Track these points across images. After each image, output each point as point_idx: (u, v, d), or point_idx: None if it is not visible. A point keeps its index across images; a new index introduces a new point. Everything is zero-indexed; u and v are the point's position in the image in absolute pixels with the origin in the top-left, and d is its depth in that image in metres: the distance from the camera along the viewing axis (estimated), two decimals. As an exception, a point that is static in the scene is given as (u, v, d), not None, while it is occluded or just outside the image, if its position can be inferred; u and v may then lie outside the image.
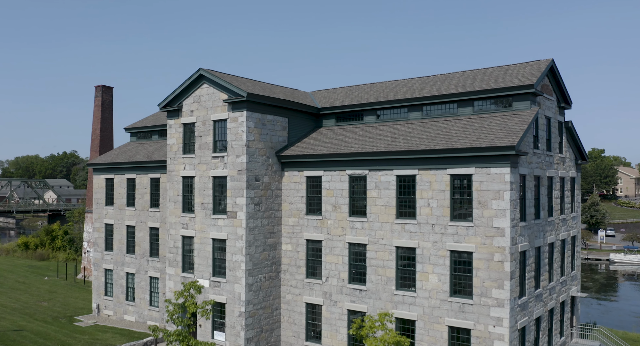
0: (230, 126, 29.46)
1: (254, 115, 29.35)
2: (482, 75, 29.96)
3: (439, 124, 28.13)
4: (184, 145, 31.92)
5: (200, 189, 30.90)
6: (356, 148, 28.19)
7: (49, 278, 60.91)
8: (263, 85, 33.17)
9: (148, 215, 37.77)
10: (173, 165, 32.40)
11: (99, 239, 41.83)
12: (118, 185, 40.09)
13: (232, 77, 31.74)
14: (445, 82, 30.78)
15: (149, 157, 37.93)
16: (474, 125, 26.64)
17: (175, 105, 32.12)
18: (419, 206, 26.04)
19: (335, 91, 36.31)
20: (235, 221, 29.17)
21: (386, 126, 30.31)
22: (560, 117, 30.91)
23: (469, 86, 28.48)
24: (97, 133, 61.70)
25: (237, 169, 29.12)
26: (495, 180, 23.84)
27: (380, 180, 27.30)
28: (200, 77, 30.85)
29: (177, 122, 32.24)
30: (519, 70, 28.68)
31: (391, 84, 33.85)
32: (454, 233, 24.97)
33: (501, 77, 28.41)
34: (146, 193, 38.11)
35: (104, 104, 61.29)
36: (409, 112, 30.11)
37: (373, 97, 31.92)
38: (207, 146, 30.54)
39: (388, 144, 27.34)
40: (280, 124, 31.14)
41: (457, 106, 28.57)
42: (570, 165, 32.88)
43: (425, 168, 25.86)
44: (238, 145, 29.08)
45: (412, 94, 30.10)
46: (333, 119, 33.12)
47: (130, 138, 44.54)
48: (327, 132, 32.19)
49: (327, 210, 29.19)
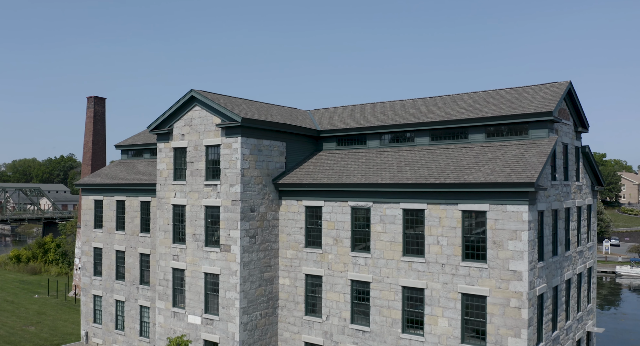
0: (223, 153, 27.41)
1: (249, 141, 27.30)
2: (494, 97, 27.93)
3: (449, 152, 26.09)
4: (175, 171, 29.86)
5: (191, 219, 28.83)
6: (359, 177, 26.15)
7: (39, 297, 58.82)
8: (259, 106, 31.13)
9: (138, 240, 35.70)
10: (163, 192, 30.34)
11: (88, 263, 39.76)
12: (107, 207, 38.03)
13: (225, 98, 29.71)
14: (454, 104, 28.75)
15: (139, 178, 35.88)
16: (487, 154, 24.60)
17: (165, 128, 30.07)
18: (428, 243, 24.00)
19: (336, 111, 34.27)
20: (228, 255, 27.11)
21: (391, 152, 28.26)
22: (577, 142, 28.89)
23: (480, 111, 26.45)
24: (89, 146, 59.66)
25: (230, 199, 27.06)
26: (511, 219, 21.80)
27: (386, 213, 25.25)
28: (191, 98, 28.81)
29: (167, 146, 30.18)
30: (534, 94, 26.65)
31: (395, 105, 31.81)
32: (466, 275, 22.92)
33: (515, 102, 26.38)
34: (136, 217, 36.04)
35: (96, 116, 59.25)
36: (416, 137, 28.07)
37: (377, 120, 29.88)
38: (199, 173, 28.49)
39: (394, 175, 25.29)
40: (278, 149, 29.09)
41: (468, 132, 26.53)
42: (587, 192, 30.85)
43: (434, 202, 23.82)
44: (232, 174, 27.03)
45: (419, 118, 28.06)
46: (334, 142, 31.07)
47: (121, 155, 42.49)
48: (328, 157, 30.14)
49: (328, 244, 27.14)
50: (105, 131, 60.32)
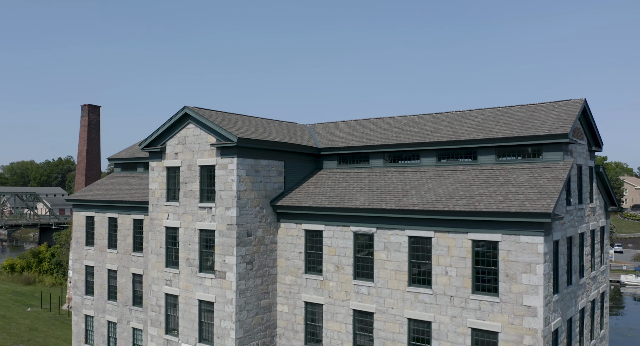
0: (218, 174, 25.96)
1: (246, 161, 25.85)
2: (504, 116, 26.49)
3: (457, 174, 24.65)
4: (168, 191, 28.40)
5: (185, 242, 27.37)
6: (362, 201, 24.70)
7: (32, 310, 57.36)
8: (257, 123, 29.69)
9: (131, 260, 34.22)
10: (155, 213, 28.88)
11: (79, 281, 38.30)
12: (99, 224, 36.56)
13: (221, 115, 28.27)
14: (462, 122, 27.30)
15: (132, 195, 34.42)
16: (498, 179, 23.15)
17: (158, 146, 28.62)
18: (435, 273, 22.54)
19: (337, 126, 32.81)
20: (224, 282, 25.65)
21: (395, 172, 26.82)
22: (590, 162, 27.46)
23: (490, 130, 25.01)
24: (83, 155, 58.24)
25: (226, 223, 25.60)
26: (526, 251, 20.35)
27: (390, 240, 23.80)
28: (185, 116, 27.37)
29: (160, 165, 28.73)
30: (547, 113, 25.21)
31: (399, 121, 30.36)
32: (477, 309, 21.46)
33: (527, 121, 24.93)
34: (129, 235, 34.57)
35: (91, 124, 57.83)
36: (422, 157, 26.61)
37: (380, 137, 28.43)
38: (193, 194, 27.03)
39: (399, 199, 23.84)
40: (276, 169, 27.64)
41: (477, 153, 25.08)
42: (600, 213, 29.41)
43: (442, 230, 22.37)
44: (227, 196, 25.57)
45: (425, 137, 26.62)
46: (335, 161, 29.61)
47: (115, 169, 41.02)
48: (329, 177, 28.69)
49: (329, 270, 25.68)
50: (100, 140, 58.88)
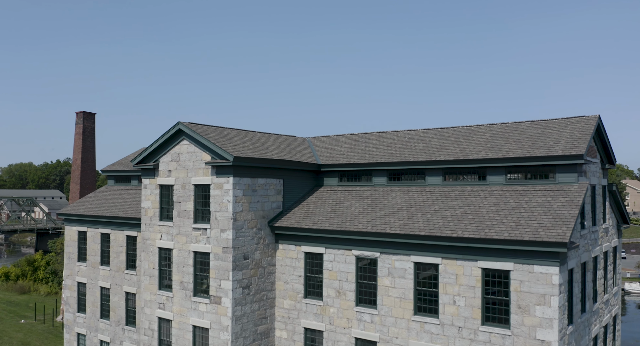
0: (214, 193, 24.71)
1: (243, 180, 24.59)
2: (514, 132, 25.24)
3: (465, 196, 23.39)
4: (161, 210, 27.15)
5: (179, 264, 26.11)
6: (365, 224, 23.44)
7: (25, 322, 56.05)
8: (254, 138, 28.42)
9: (124, 278, 32.96)
10: (148, 233, 27.62)
11: (71, 298, 37.08)
12: (91, 240, 35.31)
13: (216, 130, 27.01)
14: (469, 139, 26.05)
15: (125, 210, 33.16)
16: (508, 201, 21.90)
17: (150, 162, 27.37)
18: (443, 302, 21.29)
19: (338, 140, 31.56)
20: (219, 308, 24.39)
21: (399, 192, 25.56)
22: (603, 181, 26.22)
23: (500, 149, 23.76)
24: (77, 164, 56.96)
25: (221, 246, 24.35)
26: (539, 282, 19.09)
27: (395, 266, 22.55)
28: (179, 132, 26.12)
29: (153, 183, 27.47)
30: (559, 131, 23.95)
31: (403, 136, 29.10)
32: (487, 341, 20.21)
33: (539, 139, 23.69)
34: (122, 252, 33.31)
35: (85, 132, 56.57)
36: (428, 176, 25.37)
37: (383, 154, 27.18)
38: (187, 214, 25.77)
39: (404, 223, 22.59)
40: (274, 187, 26.39)
41: (486, 172, 23.83)
42: (613, 232, 28.17)
43: (450, 257, 21.11)
44: (223, 218, 24.32)
45: (431, 154, 25.37)
46: (336, 178, 28.36)
47: (108, 181, 39.79)
48: (330, 195, 27.44)
49: (330, 295, 24.42)
50: (95, 148, 57.63)
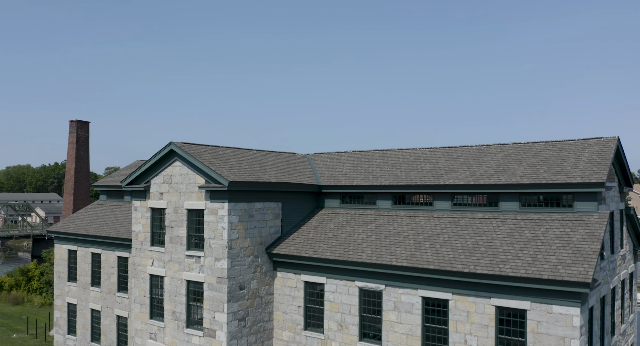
0: (207, 219, 23.22)
1: (239, 205, 23.10)
2: (527, 154, 23.75)
3: (476, 224, 21.91)
4: (152, 235, 25.66)
5: (171, 293, 24.62)
6: (369, 254, 21.95)
7: (17, 336, 54.50)
8: (251, 158, 26.92)
9: (115, 301, 31.46)
10: (139, 258, 26.13)
11: (61, 319, 35.56)
12: (82, 259, 33.81)
13: (211, 150, 25.51)
14: (480, 160, 24.57)
15: (117, 230, 31.67)
16: (524, 232, 20.41)
17: (141, 184, 25.89)
18: (453, 341, 19.80)
19: (340, 158, 30.05)
20: (214, 342, 22.88)
21: (405, 217, 24.07)
22: (621, 205, 24.75)
23: (513, 173, 22.27)
24: (71, 174, 55.44)
25: (216, 276, 22.86)
26: (559, 323, 17.61)
27: (401, 300, 21.05)
28: (171, 153, 24.64)
29: (144, 205, 25.98)
30: (576, 154, 22.46)
31: (409, 155, 27.60)
32: (501, 385, 18.73)
33: (554, 163, 22.20)
34: (113, 273, 31.81)
35: (79, 141, 55.04)
36: (435, 201, 23.88)
37: (388, 176, 25.69)
38: (180, 240, 24.28)
39: (411, 254, 21.10)
40: (272, 211, 24.90)
41: (498, 198, 22.35)
42: (630, 258, 26.70)
43: (461, 293, 19.62)
44: (218, 246, 22.82)
45: (439, 178, 23.88)
46: (338, 200, 26.88)
47: (100, 196, 38.31)
48: (331, 218, 25.95)
49: (331, 328, 22.93)
50: (88, 157, 56.10)
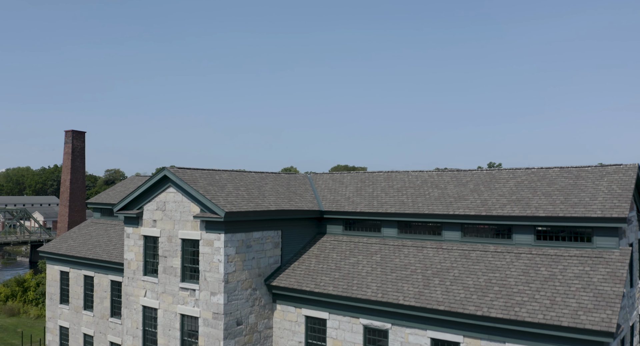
0: (203, 251, 21.92)
1: (236, 236, 21.80)
2: (542, 182, 22.41)
3: (488, 258, 20.59)
4: (145, 264, 24.37)
5: (164, 327, 23.32)
6: (374, 290, 20.64)
7: (11, 351, 53.28)
8: (249, 181, 25.59)
9: (108, 326, 30.17)
10: (131, 288, 24.84)
11: (53, 343, 34.27)
12: (74, 281, 32.52)
13: (207, 175, 24.20)
14: (491, 187, 23.24)
15: (110, 252, 30.37)
16: (540, 270, 19.09)
17: (134, 210, 24.60)
18: (464, 387, 18.50)
19: (343, 180, 28.70)
20: (209, 381, 21.62)
21: (412, 248, 22.76)
22: (639, 234, 23.45)
23: (528, 204, 20.94)
24: (66, 185, 54.18)
25: (212, 311, 21.56)
26: (581, 374, 16.30)
27: (409, 340, 19.74)
28: (164, 178, 23.35)
29: (136, 232, 24.69)
30: (594, 183, 21.12)
31: (415, 179, 26.27)
32: None
33: (571, 192, 20.87)
34: (106, 298, 30.52)
35: (75, 152, 53.78)
36: (444, 230, 22.57)
37: (394, 202, 24.38)
38: (174, 271, 22.99)
39: (419, 291, 19.79)
40: (272, 240, 23.60)
41: (511, 230, 21.03)
42: (648, 287, 25.36)
43: (473, 336, 18.31)
44: (213, 279, 21.53)
45: (448, 207, 22.56)
46: (340, 226, 25.57)
47: (94, 213, 37.04)
48: (333, 247, 24.64)
49: (334, 367, 21.64)
50: (84, 168, 54.85)
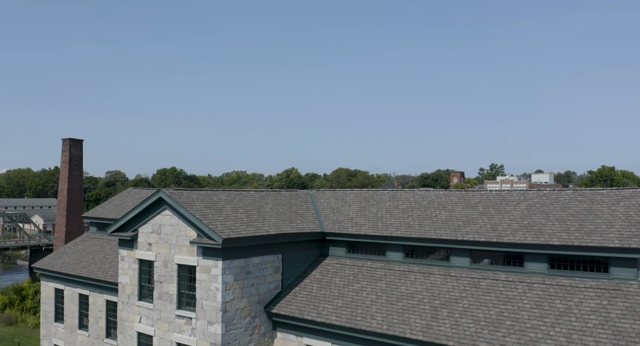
0: (200, 278, 20.92)
1: (234, 263, 20.81)
2: (554, 205, 21.35)
3: (499, 288, 19.56)
4: (140, 288, 23.39)
5: (160, 355, 22.34)
6: (379, 321, 19.62)
7: (7, 363, 52.37)
8: (248, 202, 24.57)
9: (103, 347, 29.23)
10: (126, 313, 23.86)
11: (47, 362, 33.32)
12: (68, 300, 31.56)
13: (204, 196, 23.18)
14: (500, 209, 22.19)
15: (105, 271, 29.40)
16: (554, 302, 18.07)
17: (128, 231, 23.63)
18: None
19: (346, 197, 27.66)
20: None
21: (419, 274, 21.74)
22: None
23: (540, 230, 19.90)
24: (64, 194, 53.21)
25: (209, 341, 20.55)
26: None
27: (415, 375, 18.74)
28: (160, 201, 22.36)
29: (131, 255, 23.71)
30: (610, 208, 20.05)
31: (421, 199, 25.22)
32: None
33: (586, 218, 19.83)
34: (101, 318, 29.55)
35: (72, 160, 52.82)
36: (452, 256, 21.55)
37: (400, 224, 23.36)
38: (170, 298, 22.00)
39: (426, 324, 18.77)
40: (272, 265, 22.60)
41: (523, 259, 20.01)
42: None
43: (484, 374, 17.29)
44: (211, 308, 20.53)
45: (456, 231, 21.53)
46: (343, 248, 24.57)
47: (91, 227, 36.09)
48: (336, 271, 23.63)
49: (336, 400, 20.63)
50: (82, 177, 53.89)
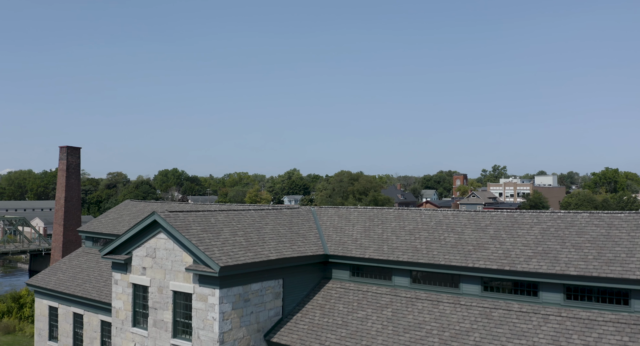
0: (196, 306, 19.87)
1: (232, 290, 19.75)
2: (570, 230, 20.24)
3: (512, 319, 18.47)
4: (135, 314, 22.35)
5: (154, 386, 21.30)
6: (385, 353, 18.55)
7: (3, 375, 51.39)
8: (248, 222, 23.50)
9: (98, 369, 28.21)
10: (120, 339, 22.82)
11: (41, 382, 32.33)
12: (63, 319, 30.56)
13: (201, 218, 22.11)
14: (513, 233, 21.10)
15: (100, 290, 28.40)
16: (571, 337, 16.98)
17: (122, 254, 22.59)
18: None
19: (349, 216, 26.55)
20: None
21: (427, 302, 20.66)
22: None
23: (556, 258, 18.80)
24: (61, 203, 52.20)
25: (205, 374, 19.52)
26: None
27: None
28: (154, 223, 21.31)
29: (124, 279, 22.67)
30: (630, 234, 18.94)
31: (429, 220, 24.11)
32: None
33: (604, 245, 18.74)
34: (96, 338, 28.54)
35: (70, 168, 51.82)
36: (462, 283, 20.46)
37: (406, 248, 22.27)
38: (165, 326, 20.95)
39: (436, 359, 17.69)
40: (272, 291, 21.53)
41: (538, 288, 18.92)
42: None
43: None
44: (207, 339, 19.47)
45: (467, 258, 20.42)
46: (347, 271, 23.49)
47: (86, 242, 35.09)
48: (340, 296, 22.56)
49: None
50: (79, 185, 52.90)
